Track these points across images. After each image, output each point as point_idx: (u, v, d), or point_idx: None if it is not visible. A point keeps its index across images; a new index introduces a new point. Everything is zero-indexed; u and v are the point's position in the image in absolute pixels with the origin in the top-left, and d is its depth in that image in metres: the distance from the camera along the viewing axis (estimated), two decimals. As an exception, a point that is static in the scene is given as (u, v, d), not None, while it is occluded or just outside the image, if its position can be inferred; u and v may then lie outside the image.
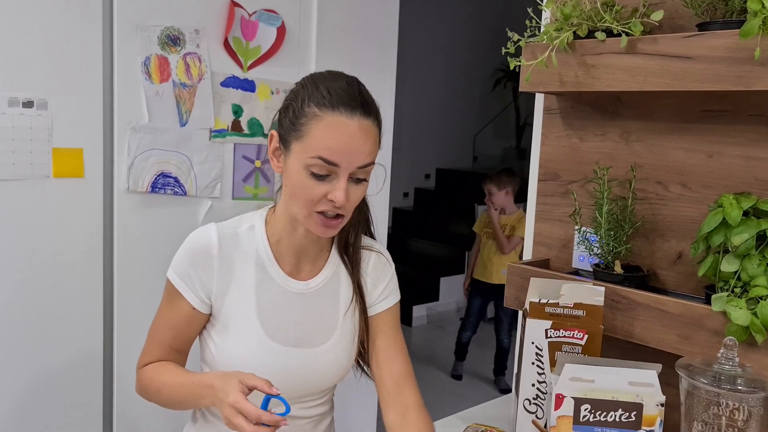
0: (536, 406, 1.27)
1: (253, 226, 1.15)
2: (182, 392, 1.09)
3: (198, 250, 1.12)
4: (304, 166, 1.02)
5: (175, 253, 1.15)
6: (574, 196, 1.48)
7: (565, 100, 1.53)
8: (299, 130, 1.03)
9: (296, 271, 1.16)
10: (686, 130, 1.34)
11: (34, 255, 1.73)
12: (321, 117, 1.01)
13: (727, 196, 1.19)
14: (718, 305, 1.15)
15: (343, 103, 1.01)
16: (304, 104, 1.03)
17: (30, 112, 1.68)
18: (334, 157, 1.00)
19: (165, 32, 1.88)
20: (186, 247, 1.13)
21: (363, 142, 1.02)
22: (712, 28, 1.16)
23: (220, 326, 1.12)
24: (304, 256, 1.16)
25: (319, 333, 1.15)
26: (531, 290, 1.29)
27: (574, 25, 1.30)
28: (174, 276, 1.13)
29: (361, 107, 1.03)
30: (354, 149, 1.01)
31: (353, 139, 1.01)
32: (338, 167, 1.01)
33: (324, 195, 1.03)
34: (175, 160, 1.93)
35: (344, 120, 1.01)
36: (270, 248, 1.14)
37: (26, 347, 1.74)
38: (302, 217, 1.07)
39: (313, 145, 1.01)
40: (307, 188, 1.03)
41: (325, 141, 1.00)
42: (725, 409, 1.03)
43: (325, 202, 1.03)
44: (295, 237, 1.13)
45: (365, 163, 1.03)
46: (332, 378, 1.19)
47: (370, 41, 2.35)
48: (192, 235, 1.15)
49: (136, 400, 1.92)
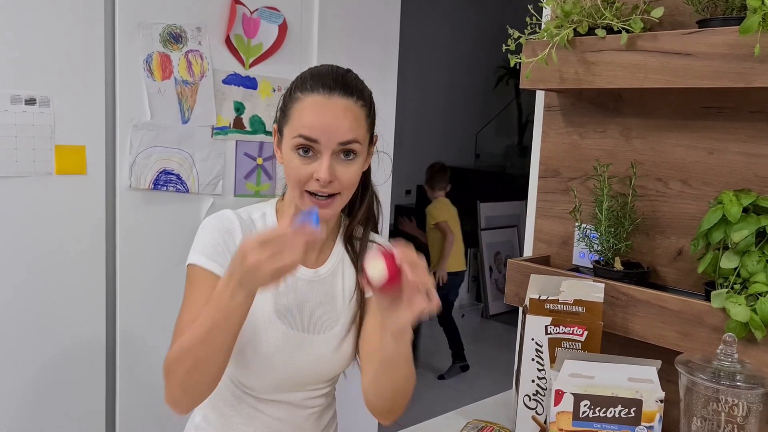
0: (536, 402, 1.28)
1: (264, 213, 1.19)
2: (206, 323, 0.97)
3: (222, 229, 1.12)
4: (291, 147, 1.08)
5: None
6: (574, 192, 1.48)
7: (566, 97, 1.53)
8: (286, 114, 1.10)
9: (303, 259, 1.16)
10: (686, 127, 1.34)
11: (37, 252, 1.73)
12: (302, 99, 1.08)
13: (727, 193, 1.19)
14: (717, 302, 1.15)
15: (322, 84, 1.07)
16: (292, 92, 1.10)
17: (33, 109, 1.69)
18: (312, 132, 1.05)
19: (167, 30, 1.88)
20: (208, 229, 1.12)
21: (341, 119, 1.06)
22: (712, 25, 1.16)
23: None
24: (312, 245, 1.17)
25: (325, 320, 1.17)
26: (531, 287, 1.30)
27: (575, 22, 1.30)
28: (200, 258, 1.10)
29: (340, 88, 1.08)
30: (331, 125, 1.05)
31: (330, 116, 1.06)
32: (318, 143, 1.05)
33: (311, 175, 1.06)
34: (177, 158, 1.94)
35: (321, 99, 1.06)
36: None
37: (29, 343, 1.75)
38: (297, 200, 1.10)
39: (295, 125, 1.07)
40: (295, 168, 1.07)
41: (303, 119, 1.06)
42: (724, 405, 1.04)
43: (313, 182, 1.07)
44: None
45: (346, 139, 1.06)
46: (336, 365, 1.20)
47: (372, 38, 2.36)
48: (210, 219, 1.14)
49: (139, 396, 1.94)
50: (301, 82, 1.10)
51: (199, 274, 1.10)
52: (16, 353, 1.73)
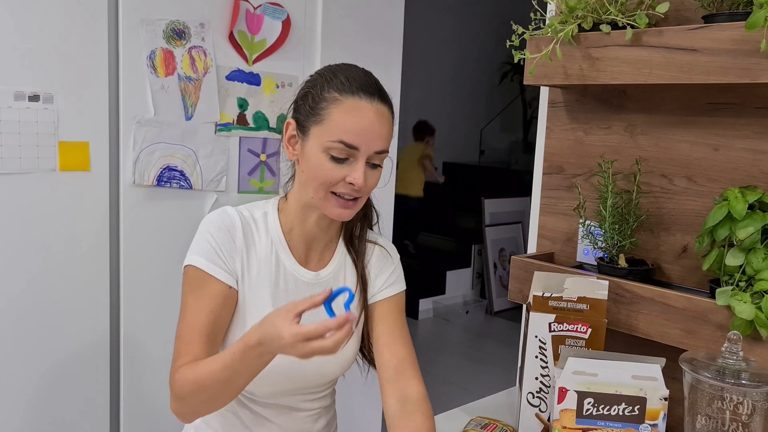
0: (539, 400, 1.27)
1: (266, 213, 1.16)
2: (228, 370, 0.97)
3: (221, 227, 1.09)
4: (323, 149, 1.05)
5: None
6: (578, 189, 1.48)
7: (570, 93, 1.52)
8: (319, 114, 1.05)
9: (305, 261, 1.17)
10: (692, 123, 1.33)
11: (41, 248, 1.74)
12: (341, 101, 1.04)
13: (732, 190, 1.19)
14: (722, 299, 1.15)
15: (362, 88, 1.05)
16: (323, 90, 1.06)
17: (36, 105, 1.69)
18: (354, 140, 1.03)
19: (170, 26, 1.88)
20: (207, 228, 1.10)
21: (380, 127, 1.06)
22: (717, 21, 1.15)
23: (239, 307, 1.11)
24: (314, 245, 1.17)
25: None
26: (535, 284, 1.29)
27: (579, 17, 1.30)
28: (199, 260, 1.08)
29: (378, 93, 1.07)
30: (373, 133, 1.04)
31: (372, 123, 1.04)
32: (357, 150, 1.04)
33: (342, 178, 1.05)
34: (181, 154, 1.94)
35: (364, 104, 1.04)
36: (283, 236, 1.15)
37: (33, 340, 1.75)
38: (318, 200, 1.08)
39: (333, 128, 1.04)
40: (326, 171, 1.05)
41: (345, 124, 1.03)
42: (729, 404, 1.03)
43: (343, 185, 1.06)
44: (306, 225, 1.15)
45: (382, 148, 1.07)
46: (336, 369, 1.19)
47: (376, 34, 2.35)
48: (210, 217, 1.11)
49: (144, 392, 1.94)
50: (337, 83, 1.06)
51: (198, 277, 1.08)
52: (19, 350, 1.73)
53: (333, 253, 1.20)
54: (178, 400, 1.03)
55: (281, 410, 1.19)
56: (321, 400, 1.23)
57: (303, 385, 1.18)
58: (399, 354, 1.17)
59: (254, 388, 1.15)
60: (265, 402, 1.18)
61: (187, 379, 1.01)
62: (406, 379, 1.15)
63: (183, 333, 1.06)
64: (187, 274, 1.09)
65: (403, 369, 1.15)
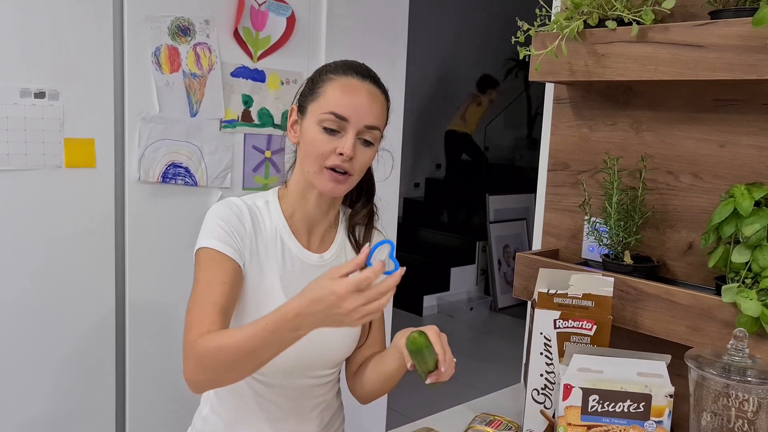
0: (544, 396, 1.27)
1: (267, 201, 1.22)
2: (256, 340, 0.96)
3: (230, 214, 1.15)
4: (317, 122, 1.13)
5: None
6: (583, 186, 1.47)
7: (575, 89, 1.52)
8: (315, 92, 1.15)
9: (308, 244, 1.22)
10: (698, 120, 1.33)
11: (47, 244, 1.74)
12: (335, 79, 1.15)
13: (738, 186, 1.18)
14: (728, 296, 1.14)
15: (355, 69, 1.16)
16: (321, 74, 1.17)
17: (42, 102, 1.69)
18: (344, 111, 1.11)
19: (175, 23, 1.88)
20: (216, 215, 1.15)
21: (371, 103, 1.14)
22: (724, 17, 1.14)
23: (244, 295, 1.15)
24: (315, 228, 1.23)
25: None
26: (540, 280, 1.29)
27: (585, 13, 1.29)
28: (213, 242, 1.10)
29: (371, 77, 1.16)
30: (362, 107, 1.12)
31: (362, 98, 1.13)
32: (347, 122, 1.12)
33: (334, 149, 1.12)
34: (186, 150, 1.94)
35: (355, 82, 1.14)
36: (286, 221, 1.21)
37: (38, 336, 1.76)
38: (313, 173, 1.14)
39: (326, 102, 1.13)
40: (319, 143, 1.12)
41: (336, 97, 1.12)
42: (735, 401, 1.03)
43: (334, 157, 1.12)
44: (306, 208, 1.21)
45: (372, 123, 1.14)
46: (341, 348, 1.23)
47: (380, 30, 2.35)
48: (218, 206, 1.16)
49: (149, 388, 1.95)
50: (333, 67, 1.17)
51: (213, 256, 1.10)
52: (24, 346, 1.74)
53: (333, 238, 1.26)
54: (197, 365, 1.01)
55: (288, 395, 1.21)
56: (326, 386, 1.26)
57: (310, 365, 1.20)
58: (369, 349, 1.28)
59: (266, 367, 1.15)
60: (273, 384, 1.20)
61: (211, 343, 0.99)
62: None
63: (196, 305, 1.06)
64: (198, 257, 1.11)
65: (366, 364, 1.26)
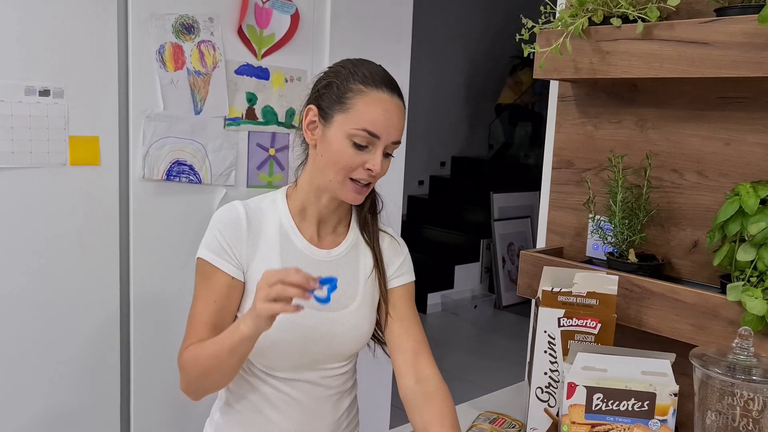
0: (548, 395, 1.27)
1: (275, 200, 1.24)
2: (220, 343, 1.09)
3: (227, 221, 1.18)
4: (347, 135, 1.13)
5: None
6: (588, 184, 1.47)
7: (580, 87, 1.51)
8: (344, 103, 1.14)
9: (317, 241, 1.23)
10: (703, 118, 1.32)
11: (51, 242, 1.75)
12: (366, 93, 1.13)
13: (744, 185, 1.18)
14: (733, 295, 1.14)
15: (384, 83, 1.15)
16: (348, 81, 1.15)
17: (46, 100, 1.70)
18: (377, 129, 1.12)
19: (179, 20, 1.88)
20: (215, 223, 1.19)
21: (398, 120, 1.16)
22: (730, 14, 1.14)
23: (247, 293, 1.18)
24: (324, 225, 1.24)
25: (341, 298, 1.21)
26: (544, 279, 1.29)
27: (590, 11, 1.29)
28: (207, 253, 1.17)
29: (398, 91, 1.18)
30: (393, 124, 1.14)
31: (393, 115, 1.14)
32: (378, 139, 1.13)
33: (361, 164, 1.14)
34: (190, 148, 1.94)
35: (387, 97, 1.14)
36: (292, 219, 1.22)
37: (42, 333, 1.77)
38: (336, 183, 1.16)
39: (358, 117, 1.12)
40: (347, 157, 1.13)
41: (370, 114, 1.12)
42: (740, 400, 1.03)
43: (361, 171, 1.14)
44: (318, 206, 1.22)
45: (397, 139, 1.16)
46: (353, 342, 1.24)
47: (385, 28, 2.34)
48: (219, 212, 1.20)
49: (154, 385, 1.95)
50: (362, 77, 1.14)
51: (206, 269, 1.17)
52: (28, 344, 1.75)
53: (345, 234, 1.26)
54: (182, 376, 1.16)
55: (303, 387, 1.23)
56: (340, 377, 1.26)
57: (323, 356, 1.21)
58: (416, 337, 1.25)
59: (274, 362, 1.20)
60: (287, 378, 1.22)
61: (190, 353, 1.14)
62: (422, 361, 1.23)
63: (192, 319, 1.17)
64: (197, 266, 1.19)
65: (419, 351, 1.24)
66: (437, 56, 6.09)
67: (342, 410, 1.29)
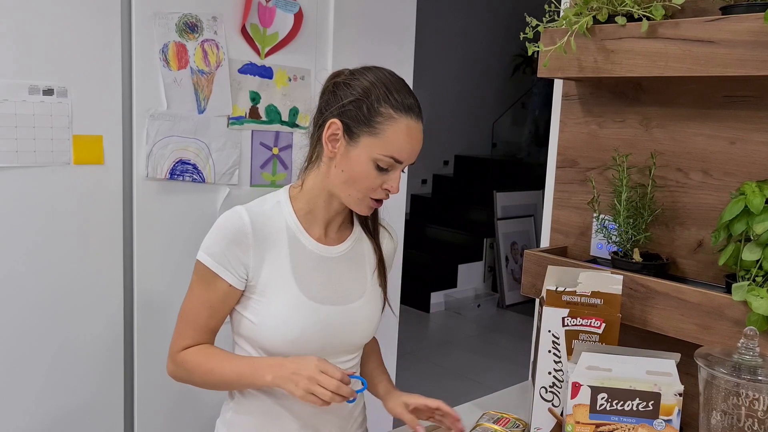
0: (552, 394, 1.27)
1: (278, 201, 1.24)
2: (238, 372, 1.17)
3: (233, 231, 1.18)
4: (372, 158, 1.14)
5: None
6: (592, 183, 1.46)
7: (584, 86, 1.51)
8: (374, 127, 1.14)
9: (324, 238, 1.25)
10: (708, 116, 1.32)
11: (55, 241, 1.75)
12: (397, 120, 1.14)
13: (749, 184, 1.17)
14: (738, 294, 1.13)
15: (413, 110, 1.16)
16: (379, 104, 1.14)
17: (50, 99, 1.70)
18: (403, 157, 1.15)
19: (183, 19, 1.88)
20: (219, 231, 1.18)
21: (420, 143, 1.19)
22: (735, 12, 1.13)
23: (258, 296, 1.19)
24: (331, 225, 1.26)
25: (350, 292, 1.25)
26: (548, 278, 1.29)
27: (594, 9, 1.28)
28: (208, 259, 1.18)
29: (420, 112, 1.18)
30: (416, 149, 1.18)
31: (417, 141, 1.17)
32: (401, 164, 1.16)
33: (381, 185, 1.16)
34: (194, 147, 1.94)
35: (414, 125, 1.16)
36: (298, 219, 1.23)
37: (47, 333, 1.77)
38: (355, 199, 1.18)
39: (386, 144, 1.14)
40: (370, 178, 1.15)
41: (399, 143, 1.14)
42: (745, 400, 1.02)
43: (380, 191, 1.17)
44: (328, 208, 1.23)
45: (415, 160, 1.20)
46: (363, 333, 1.27)
47: (388, 27, 2.34)
48: (222, 220, 1.19)
49: (158, 384, 1.95)
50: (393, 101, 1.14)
51: (205, 272, 1.18)
52: (33, 342, 1.75)
53: (350, 232, 1.29)
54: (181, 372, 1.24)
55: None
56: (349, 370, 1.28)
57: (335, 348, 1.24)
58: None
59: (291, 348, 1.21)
60: None
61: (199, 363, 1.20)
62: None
63: (185, 316, 1.23)
64: (197, 268, 1.20)
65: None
66: (441, 54, 6.08)
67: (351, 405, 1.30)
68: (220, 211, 2.00)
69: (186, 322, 1.22)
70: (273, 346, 1.19)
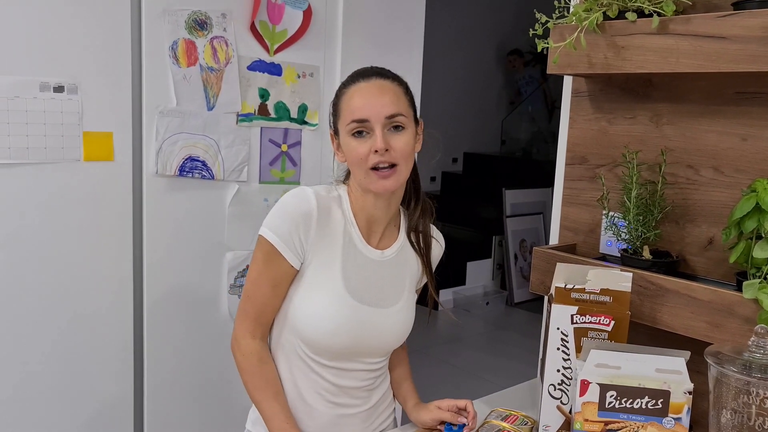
0: (561, 392, 1.27)
1: (340, 195, 1.28)
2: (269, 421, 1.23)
3: (301, 214, 1.21)
4: (346, 133, 1.20)
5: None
6: (602, 180, 1.46)
7: (594, 82, 1.50)
8: (337, 111, 1.24)
9: (373, 241, 1.29)
10: (719, 113, 1.31)
11: (65, 237, 1.76)
12: (346, 91, 1.22)
13: (761, 181, 1.16)
14: (749, 292, 1.13)
15: (360, 75, 1.22)
16: (337, 94, 1.25)
17: (61, 96, 1.71)
18: (361, 114, 1.18)
19: (192, 16, 1.88)
20: (287, 210, 1.22)
21: (382, 95, 1.19)
22: (748, 7, 1.12)
23: (306, 283, 1.23)
24: (374, 226, 1.29)
25: (389, 296, 1.29)
26: (557, 275, 1.28)
27: (604, 5, 1.28)
28: (274, 237, 1.20)
29: (376, 74, 1.22)
30: (375, 103, 1.18)
31: (372, 95, 1.19)
32: (369, 122, 1.18)
33: (369, 150, 1.18)
34: (203, 144, 1.95)
35: (362, 84, 1.20)
36: (353, 217, 1.27)
37: (56, 329, 1.78)
38: (363, 179, 1.21)
39: (345, 114, 1.20)
40: (354, 150, 1.19)
41: (351, 106, 1.19)
42: (755, 398, 1.02)
43: (373, 156, 1.18)
44: (366, 207, 1.27)
45: (391, 113, 1.18)
46: (396, 337, 1.31)
47: (397, 23, 2.33)
48: (291, 199, 1.23)
49: (168, 380, 1.96)
50: (343, 83, 1.24)
51: (270, 250, 1.21)
52: (41, 340, 1.76)
53: (396, 237, 1.33)
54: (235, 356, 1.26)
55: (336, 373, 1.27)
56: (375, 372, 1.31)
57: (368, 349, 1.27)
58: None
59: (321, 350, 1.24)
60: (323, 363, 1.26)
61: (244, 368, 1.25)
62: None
63: (251, 293, 1.25)
64: (261, 243, 1.22)
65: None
66: (450, 51, 6.07)
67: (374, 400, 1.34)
68: (229, 207, 2.00)
69: (250, 298, 1.24)
70: (307, 333, 1.22)
